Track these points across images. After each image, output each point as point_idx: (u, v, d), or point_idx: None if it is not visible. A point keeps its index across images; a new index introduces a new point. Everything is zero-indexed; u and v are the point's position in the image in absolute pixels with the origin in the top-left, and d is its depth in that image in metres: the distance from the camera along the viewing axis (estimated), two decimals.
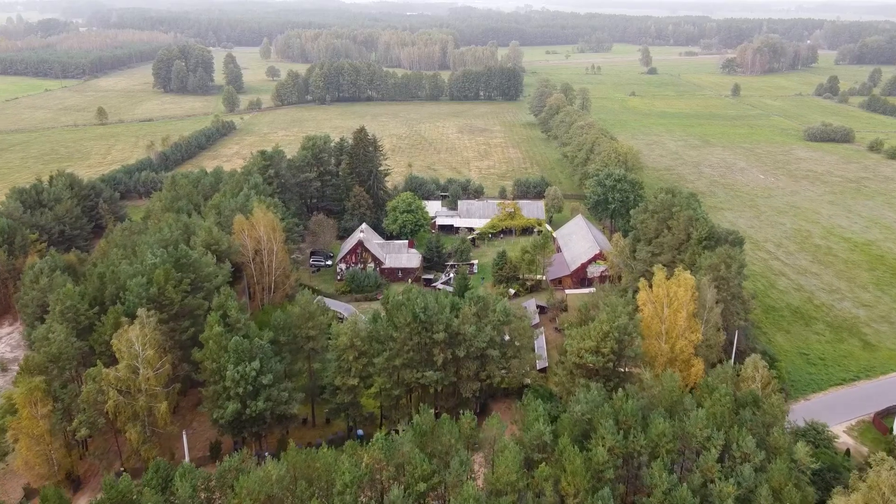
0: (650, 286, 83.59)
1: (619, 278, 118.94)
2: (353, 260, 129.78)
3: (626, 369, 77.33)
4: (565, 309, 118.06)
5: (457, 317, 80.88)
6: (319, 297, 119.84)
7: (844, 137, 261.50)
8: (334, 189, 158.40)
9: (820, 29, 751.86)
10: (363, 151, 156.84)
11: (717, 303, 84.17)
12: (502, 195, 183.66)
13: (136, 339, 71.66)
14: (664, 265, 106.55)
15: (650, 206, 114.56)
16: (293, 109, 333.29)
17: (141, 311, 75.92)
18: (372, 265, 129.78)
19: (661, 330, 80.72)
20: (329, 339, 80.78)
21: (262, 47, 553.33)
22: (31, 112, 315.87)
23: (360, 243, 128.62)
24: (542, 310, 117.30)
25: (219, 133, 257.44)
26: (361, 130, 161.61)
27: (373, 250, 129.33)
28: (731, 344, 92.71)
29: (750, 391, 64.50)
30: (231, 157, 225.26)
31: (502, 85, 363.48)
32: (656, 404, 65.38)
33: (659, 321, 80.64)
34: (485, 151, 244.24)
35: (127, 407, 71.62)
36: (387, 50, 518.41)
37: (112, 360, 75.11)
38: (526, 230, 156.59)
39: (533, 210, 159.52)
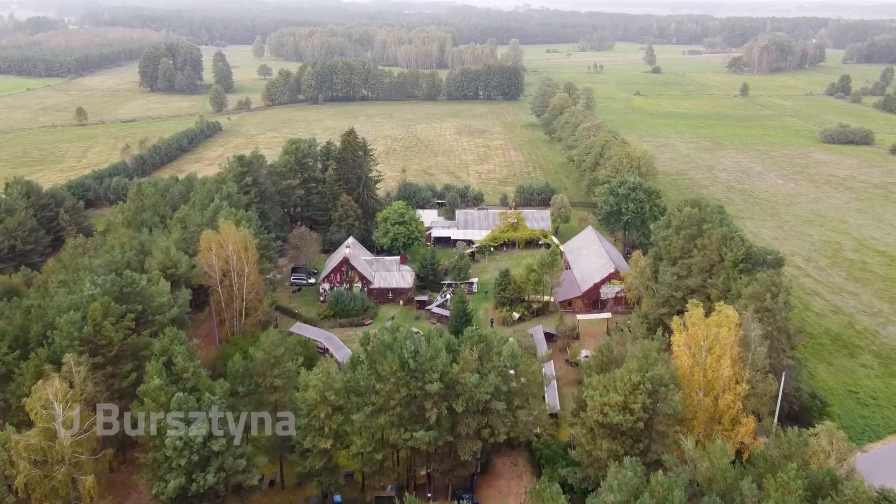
0: (684, 324, 69.55)
1: (638, 302, 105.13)
2: (338, 279, 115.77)
3: (660, 428, 63.35)
4: (577, 337, 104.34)
5: (455, 361, 67.02)
6: (298, 323, 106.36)
7: (863, 139, 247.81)
8: (320, 197, 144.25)
9: (825, 28, 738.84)
10: (352, 156, 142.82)
11: (763, 340, 70.26)
12: (503, 202, 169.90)
13: (56, 396, 57.62)
14: (692, 290, 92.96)
15: (674, 222, 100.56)
16: (284, 109, 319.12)
17: (68, 358, 62.03)
18: (359, 285, 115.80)
19: (700, 380, 66.80)
20: (297, 389, 66.74)
21: (254, 45, 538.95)
22: (9, 112, 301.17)
23: (345, 260, 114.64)
24: (550, 337, 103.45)
25: (203, 134, 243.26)
26: (350, 133, 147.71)
27: (360, 268, 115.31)
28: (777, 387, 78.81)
29: (828, 471, 50.54)
30: (214, 161, 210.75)
31: (502, 84, 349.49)
32: (705, 488, 51.50)
33: (699, 370, 66.70)
34: (484, 154, 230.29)
35: (43, 481, 57.59)
36: (383, 48, 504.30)
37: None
38: (530, 242, 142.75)
39: (537, 220, 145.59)
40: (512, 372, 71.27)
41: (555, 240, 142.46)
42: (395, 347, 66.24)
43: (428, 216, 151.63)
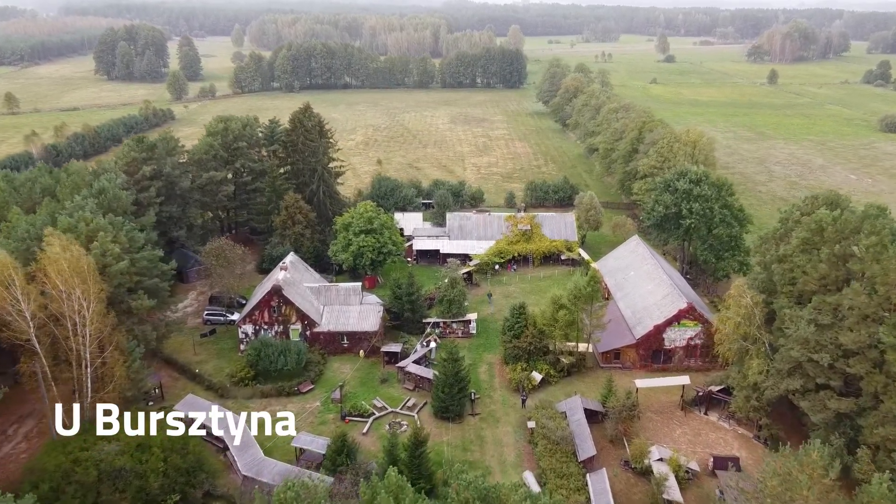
0: None
1: (729, 362, 66.05)
2: (266, 319, 76.44)
3: None
4: (637, 415, 65.16)
5: None
6: (189, 396, 67.00)
7: None
8: (260, 196, 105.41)
9: (840, 19, 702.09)
10: (303, 140, 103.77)
11: None
12: (510, 204, 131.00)
13: None
14: (849, 352, 54.00)
15: (799, 232, 61.51)
16: (253, 98, 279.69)
17: None
18: (298, 327, 76.57)
19: None
20: None
21: (233, 34, 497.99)
22: None
23: (275, 290, 75.27)
24: (593, 416, 64.50)
25: (147, 123, 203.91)
26: (305, 109, 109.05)
27: (298, 302, 75.98)
28: None
29: None
30: None
31: (503, 70, 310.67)
32: None
33: None
34: (484, 145, 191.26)
35: None
36: (373, 36, 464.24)
37: None
38: (548, 258, 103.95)
39: (558, 226, 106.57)
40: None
41: (583, 254, 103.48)
42: None
43: (410, 222, 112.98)
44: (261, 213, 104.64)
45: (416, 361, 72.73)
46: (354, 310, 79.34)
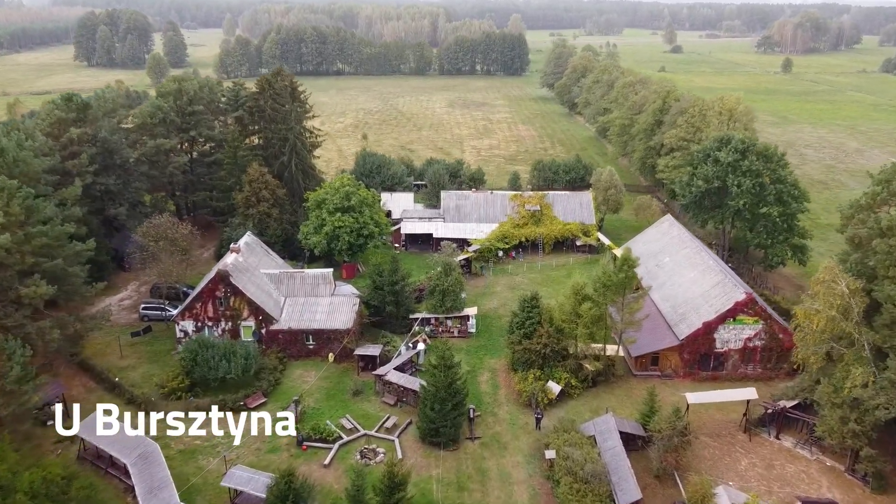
0: None
1: (800, 367, 50.31)
2: (210, 314, 60.36)
3: None
4: (688, 441, 48.86)
5: None
6: (96, 413, 50.75)
7: None
8: (219, 169, 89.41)
9: (847, 14, 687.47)
10: (272, 104, 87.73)
11: None
12: (514, 187, 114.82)
13: None
14: None
15: None
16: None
17: None
18: (251, 324, 60.50)
19: None
20: None
21: (224, 25, 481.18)
22: None
23: (220, 278, 59.19)
24: (630, 440, 48.54)
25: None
26: (277, 72, 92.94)
27: (251, 293, 59.90)
28: None
29: None
30: None
31: (504, 57, 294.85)
32: None
33: None
34: (484, 128, 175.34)
35: None
36: (369, 26, 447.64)
37: None
38: (560, 243, 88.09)
39: (573, 207, 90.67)
40: None
41: (603, 239, 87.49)
42: None
43: (399, 203, 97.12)
44: (221, 189, 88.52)
45: (400, 368, 56.82)
46: (324, 302, 63.28)
